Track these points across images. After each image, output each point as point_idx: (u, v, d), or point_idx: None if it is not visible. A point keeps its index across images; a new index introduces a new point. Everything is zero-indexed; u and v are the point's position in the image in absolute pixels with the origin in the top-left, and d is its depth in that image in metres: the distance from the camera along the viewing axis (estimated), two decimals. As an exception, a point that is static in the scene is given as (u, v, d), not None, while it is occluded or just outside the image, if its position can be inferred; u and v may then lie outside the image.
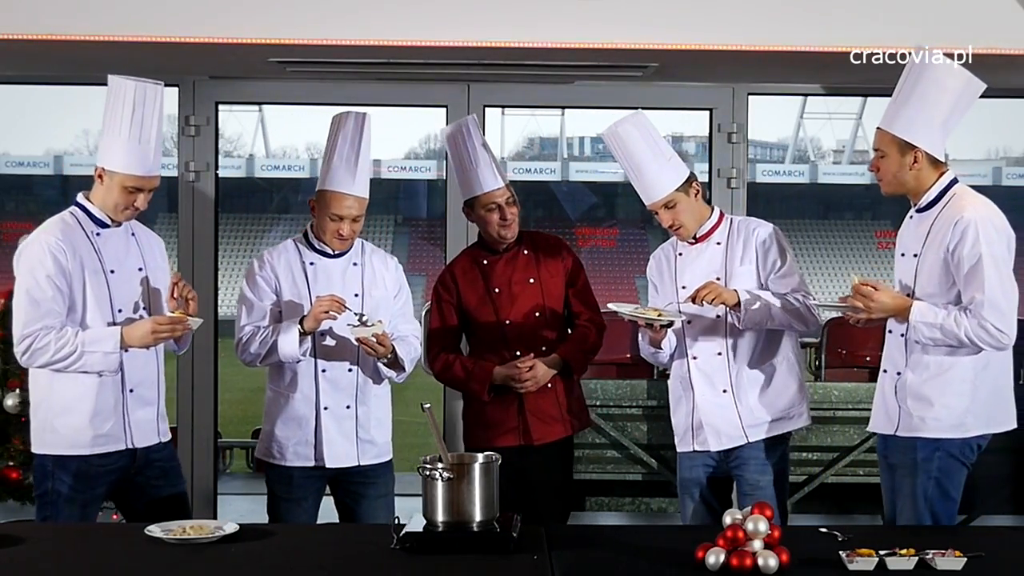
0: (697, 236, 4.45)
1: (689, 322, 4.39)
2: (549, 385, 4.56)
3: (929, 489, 3.84)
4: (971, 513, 6.09)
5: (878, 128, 3.99)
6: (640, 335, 4.50)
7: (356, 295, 4.39)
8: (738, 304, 4.26)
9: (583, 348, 4.63)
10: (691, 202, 4.40)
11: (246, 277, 4.44)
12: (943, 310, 3.81)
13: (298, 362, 4.35)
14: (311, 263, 4.42)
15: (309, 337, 4.32)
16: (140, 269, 4.14)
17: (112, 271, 4.07)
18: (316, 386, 4.37)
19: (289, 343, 4.28)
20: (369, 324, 4.26)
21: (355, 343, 4.30)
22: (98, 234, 4.09)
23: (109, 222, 4.10)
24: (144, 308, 4.13)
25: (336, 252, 4.44)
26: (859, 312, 3.92)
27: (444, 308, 4.65)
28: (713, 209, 4.51)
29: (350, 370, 4.40)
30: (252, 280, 4.42)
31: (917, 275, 3.91)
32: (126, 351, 4.01)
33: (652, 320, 4.29)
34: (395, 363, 4.40)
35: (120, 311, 4.07)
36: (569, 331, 4.71)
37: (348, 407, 4.39)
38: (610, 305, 4.40)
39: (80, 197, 4.14)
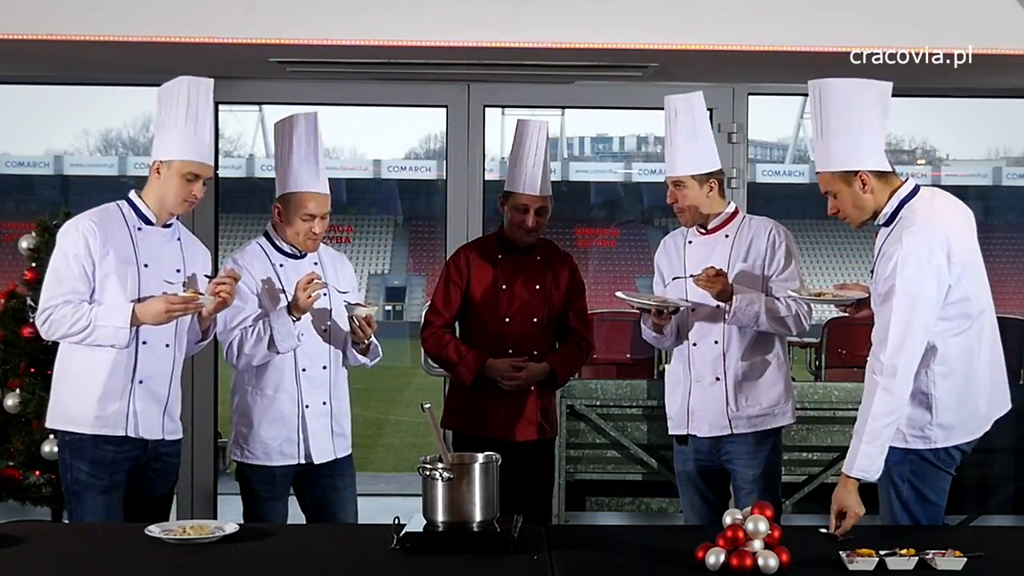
0: (708, 228, 4.53)
1: (693, 309, 4.48)
2: (531, 388, 4.72)
3: (904, 492, 3.74)
4: (971, 513, 6.09)
5: (817, 173, 3.82)
6: (643, 320, 4.60)
7: (324, 294, 4.42)
8: (729, 300, 4.33)
9: (571, 363, 4.86)
10: (699, 193, 4.48)
11: None
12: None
13: (291, 350, 4.37)
14: (280, 264, 4.46)
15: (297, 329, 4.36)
16: (178, 271, 4.18)
17: (146, 265, 4.11)
18: (298, 385, 4.42)
19: (286, 331, 4.31)
20: (362, 306, 4.40)
21: (348, 323, 4.39)
22: (139, 228, 4.14)
23: (154, 220, 4.15)
24: None
25: (301, 253, 4.47)
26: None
27: (451, 289, 4.77)
28: (728, 203, 4.58)
29: (324, 367, 4.47)
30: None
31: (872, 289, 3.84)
32: (137, 329, 4.04)
33: (660, 307, 4.39)
34: (367, 349, 4.49)
35: None
36: (557, 344, 4.85)
37: (324, 403, 4.47)
38: (619, 294, 4.52)
39: (131, 193, 4.20)
